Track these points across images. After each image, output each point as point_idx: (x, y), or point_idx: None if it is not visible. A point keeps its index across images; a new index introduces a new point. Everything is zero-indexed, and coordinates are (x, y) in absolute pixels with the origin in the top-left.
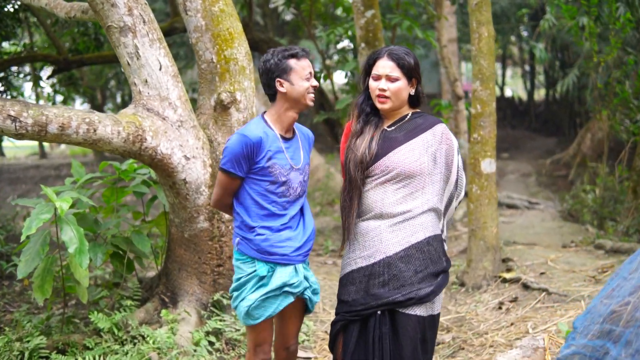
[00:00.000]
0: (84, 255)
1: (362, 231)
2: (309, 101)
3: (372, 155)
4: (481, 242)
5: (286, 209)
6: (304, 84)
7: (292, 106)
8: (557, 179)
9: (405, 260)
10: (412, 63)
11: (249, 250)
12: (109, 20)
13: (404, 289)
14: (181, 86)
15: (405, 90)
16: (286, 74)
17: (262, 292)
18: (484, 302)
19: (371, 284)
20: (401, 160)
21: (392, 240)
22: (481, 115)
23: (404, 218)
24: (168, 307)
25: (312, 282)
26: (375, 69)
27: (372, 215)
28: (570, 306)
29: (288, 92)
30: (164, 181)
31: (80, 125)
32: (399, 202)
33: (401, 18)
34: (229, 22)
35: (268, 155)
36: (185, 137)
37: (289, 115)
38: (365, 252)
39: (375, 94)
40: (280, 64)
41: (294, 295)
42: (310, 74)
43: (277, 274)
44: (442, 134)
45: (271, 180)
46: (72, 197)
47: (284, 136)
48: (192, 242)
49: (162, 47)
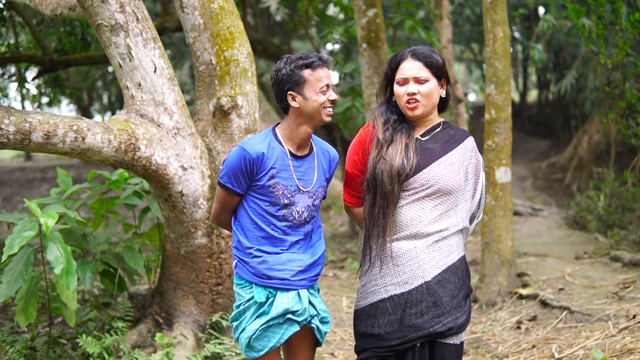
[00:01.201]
0: (72, 277)
1: (395, 254)
2: (326, 116)
3: (412, 166)
4: (495, 255)
5: (287, 234)
6: (318, 99)
7: (306, 121)
8: (554, 182)
9: (442, 284)
10: (440, 61)
11: (246, 273)
12: (98, 18)
13: (443, 318)
14: (178, 90)
15: (437, 92)
16: (299, 86)
17: (262, 320)
18: (500, 320)
19: (407, 314)
20: (443, 174)
21: (429, 263)
22: (496, 121)
23: (439, 237)
24: (162, 328)
25: (321, 310)
26: (400, 73)
27: (405, 235)
28: (596, 327)
29: (301, 106)
30: (158, 193)
31: (67, 133)
32: (435, 220)
33: (403, 17)
34: (230, 20)
35: (271, 174)
36: (182, 146)
37: (302, 131)
38: (400, 278)
39: (404, 100)
40: (293, 75)
41: (300, 323)
42: (327, 86)
43: (278, 300)
44: (472, 148)
45: (271, 202)
46: (58, 211)
47: (295, 153)
48: (189, 259)
49: (157, 47)
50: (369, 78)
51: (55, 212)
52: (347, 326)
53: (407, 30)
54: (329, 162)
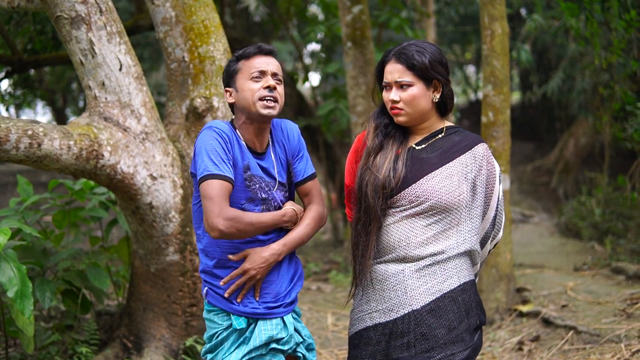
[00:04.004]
0: (27, 300)
1: (380, 277)
2: (262, 109)
3: (398, 179)
4: (493, 270)
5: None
6: (250, 86)
7: (248, 118)
8: (539, 186)
9: (437, 314)
10: (425, 62)
11: (220, 301)
12: (57, 10)
13: (434, 353)
14: (146, 90)
15: (424, 98)
16: (232, 79)
17: (243, 351)
18: (499, 340)
19: (392, 346)
20: (436, 188)
21: (419, 289)
22: (494, 125)
23: (433, 261)
24: (131, 353)
25: (306, 336)
26: (385, 76)
27: (392, 257)
28: (606, 349)
29: (235, 101)
30: (125, 205)
31: (21, 138)
32: (428, 241)
33: (390, 15)
34: (204, 13)
35: (245, 165)
36: (151, 153)
37: (250, 131)
38: (384, 305)
39: (388, 107)
40: (228, 69)
41: (285, 353)
42: (262, 72)
43: (261, 326)
44: (484, 156)
45: (248, 197)
46: (12, 226)
47: (254, 149)
48: (160, 277)
49: (123, 42)
50: (353, 79)
51: (7, 227)
52: (334, 346)
53: (393, 29)
54: (289, 142)
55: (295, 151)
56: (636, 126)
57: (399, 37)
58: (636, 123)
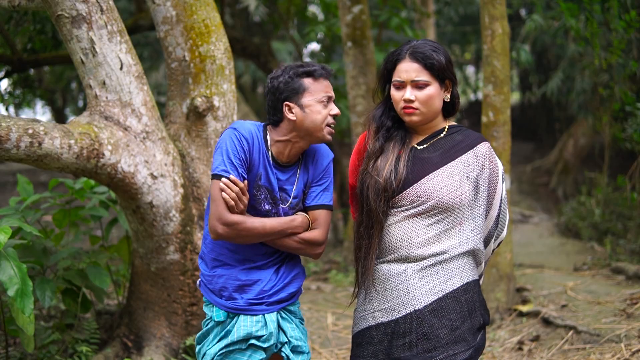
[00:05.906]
0: (27, 299)
1: (382, 277)
2: (328, 134)
3: (399, 181)
4: (493, 269)
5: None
6: (320, 112)
7: (302, 137)
8: (539, 186)
9: (439, 313)
10: (442, 61)
11: (206, 292)
12: (58, 9)
13: (436, 352)
14: (147, 89)
15: (439, 97)
16: (297, 96)
17: (223, 343)
18: (499, 340)
19: (394, 346)
20: (437, 188)
21: (421, 289)
22: (494, 125)
23: (436, 261)
24: (131, 352)
25: (293, 338)
26: (397, 75)
27: (395, 257)
28: (606, 349)
29: (298, 119)
30: (125, 204)
31: (22, 137)
32: (430, 241)
33: (390, 15)
34: (205, 12)
35: (259, 175)
36: (151, 152)
37: (296, 147)
38: (387, 305)
39: (400, 106)
40: (292, 83)
41: (267, 350)
42: (329, 98)
43: (241, 322)
44: (486, 155)
45: (251, 205)
46: (12, 225)
47: (278, 160)
48: (160, 276)
49: (124, 41)
50: (354, 78)
51: (8, 226)
52: (334, 346)
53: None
54: (316, 162)
55: (318, 177)
56: (636, 126)
57: (399, 37)
58: (636, 123)
